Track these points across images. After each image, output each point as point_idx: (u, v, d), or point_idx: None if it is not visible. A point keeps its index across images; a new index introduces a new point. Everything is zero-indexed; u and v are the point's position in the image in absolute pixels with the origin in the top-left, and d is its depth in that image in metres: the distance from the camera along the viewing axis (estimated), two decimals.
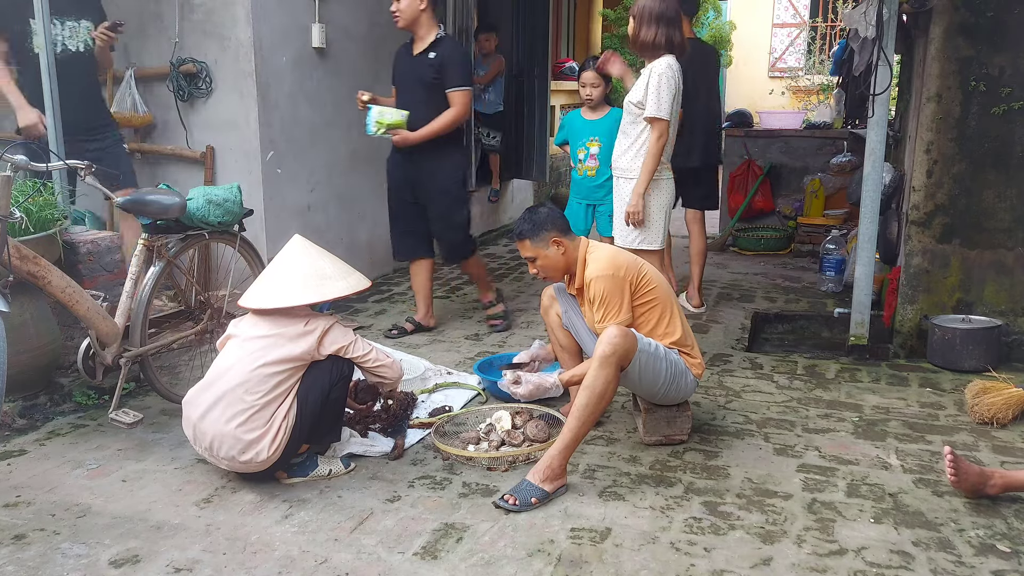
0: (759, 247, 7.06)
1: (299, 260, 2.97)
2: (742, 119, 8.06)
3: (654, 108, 3.87)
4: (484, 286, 4.88)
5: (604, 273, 3.04)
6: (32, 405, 3.51)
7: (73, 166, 3.31)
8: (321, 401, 2.85)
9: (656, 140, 3.89)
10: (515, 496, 2.74)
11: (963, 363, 4.00)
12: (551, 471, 2.79)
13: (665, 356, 3.04)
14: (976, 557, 2.46)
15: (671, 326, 3.13)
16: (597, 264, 3.08)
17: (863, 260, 4.24)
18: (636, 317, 3.09)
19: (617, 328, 2.89)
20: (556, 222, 3.14)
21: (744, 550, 2.50)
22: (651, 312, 3.12)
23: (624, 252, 3.24)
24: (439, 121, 4.33)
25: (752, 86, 14.59)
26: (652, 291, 3.11)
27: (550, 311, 3.40)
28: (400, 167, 4.54)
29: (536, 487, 2.76)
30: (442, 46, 4.37)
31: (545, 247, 3.12)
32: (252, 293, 2.94)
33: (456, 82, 4.34)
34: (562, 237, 3.12)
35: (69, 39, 4.18)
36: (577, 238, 3.20)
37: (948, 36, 4.00)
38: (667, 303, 3.15)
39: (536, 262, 3.16)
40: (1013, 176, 4.02)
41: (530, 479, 2.79)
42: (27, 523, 2.65)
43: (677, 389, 3.11)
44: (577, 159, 4.75)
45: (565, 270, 3.19)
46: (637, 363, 2.93)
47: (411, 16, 4.29)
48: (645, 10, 3.90)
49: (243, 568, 2.41)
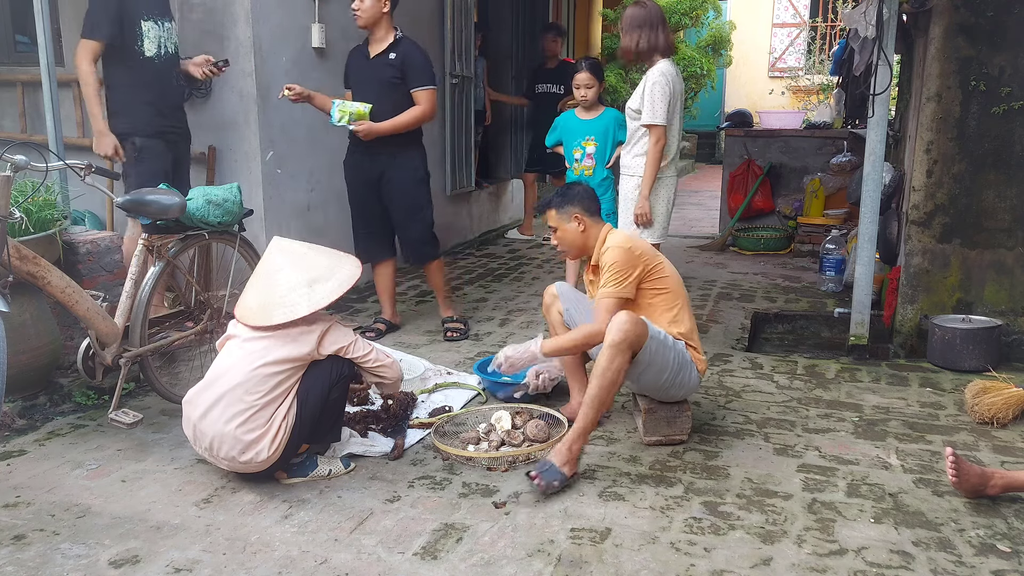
0: (759, 247, 7.06)
1: (283, 266, 2.93)
2: (742, 119, 8.06)
3: (649, 115, 4.07)
4: (444, 300, 4.78)
5: (621, 244, 3.16)
6: (32, 405, 3.51)
7: (73, 166, 3.30)
8: (321, 401, 2.85)
9: (655, 144, 4.08)
10: (541, 476, 2.83)
11: (963, 363, 4.00)
12: (572, 455, 2.91)
13: (673, 346, 3.09)
14: (976, 557, 2.46)
15: (679, 316, 3.20)
16: (614, 239, 3.21)
17: (863, 260, 4.24)
18: (646, 299, 3.17)
19: (627, 314, 2.93)
20: (584, 202, 3.26)
21: (744, 550, 2.50)
22: (662, 298, 3.19)
23: (645, 241, 3.37)
24: (406, 116, 4.34)
25: (752, 86, 14.61)
26: (665, 279, 3.20)
27: (552, 309, 3.45)
28: (360, 167, 4.52)
29: (559, 471, 2.86)
30: (401, 47, 4.38)
31: (567, 221, 3.25)
32: (244, 307, 2.93)
33: (421, 81, 4.36)
34: (585, 216, 3.24)
35: (168, 40, 4.14)
36: (601, 222, 3.30)
37: (948, 36, 4.00)
38: (678, 293, 3.23)
39: (556, 233, 3.30)
40: (1013, 176, 4.02)
41: (553, 461, 2.89)
42: (27, 523, 2.65)
43: (681, 382, 3.13)
44: (573, 159, 4.77)
45: (582, 249, 3.30)
46: (648, 350, 2.97)
47: (372, 16, 4.29)
48: (625, 19, 4.19)
49: (243, 568, 2.41)
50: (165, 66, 4.12)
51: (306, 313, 2.84)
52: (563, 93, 6.98)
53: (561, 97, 6.97)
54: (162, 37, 4.09)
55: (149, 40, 4.02)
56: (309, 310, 2.84)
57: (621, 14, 4.48)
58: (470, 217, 7.58)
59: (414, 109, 4.36)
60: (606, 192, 4.65)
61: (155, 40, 4.04)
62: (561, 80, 7.08)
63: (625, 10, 4.25)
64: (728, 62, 13.69)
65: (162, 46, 4.09)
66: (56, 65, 4.44)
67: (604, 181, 4.67)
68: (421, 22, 6.24)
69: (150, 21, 4.02)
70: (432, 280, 4.78)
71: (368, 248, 4.64)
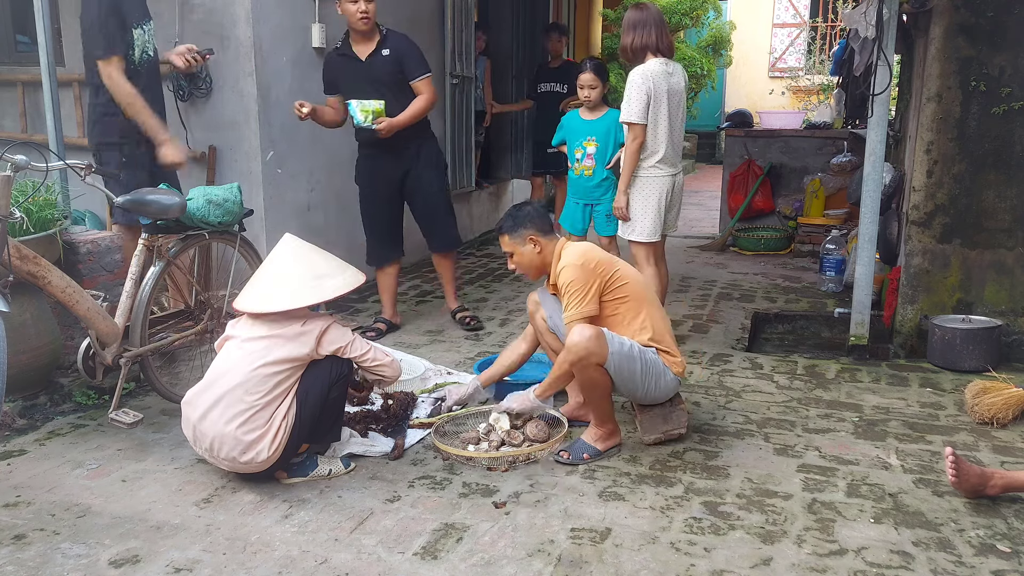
0: (759, 247, 7.06)
1: (292, 260, 2.96)
2: (742, 119, 8.06)
3: (625, 113, 4.17)
4: (454, 292, 4.91)
5: (574, 262, 3.12)
6: (32, 405, 3.51)
7: (73, 166, 3.30)
8: (321, 400, 2.85)
9: (631, 142, 4.18)
10: (569, 452, 3.07)
11: (963, 363, 4.00)
12: (599, 434, 3.13)
13: (640, 355, 3.05)
14: (976, 557, 2.46)
15: (645, 322, 3.16)
16: (568, 256, 3.17)
17: (863, 260, 4.24)
18: (608, 311, 3.14)
19: (580, 334, 2.94)
20: (536, 221, 3.22)
21: (744, 550, 2.50)
22: (625, 307, 3.15)
23: (599, 249, 3.30)
24: (417, 106, 4.39)
25: (752, 86, 14.60)
26: (624, 287, 3.16)
27: (536, 316, 3.44)
28: (381, 168, 4.54)
29: (590, 445, 3.10)
30: (391, 41, 4.41)
31: (522, 244, 3.21)
32: (248, 296, 2.94)
33: (420, 71, 4.42)
34: (539, 236, 3.20)
35: (149, 44, 4.02)
36: (556, 239, 3.26)
37: (948, 36, 4.00)
38: (641, 299, 3.18)
39: (513, 257, 3.26)
40: (1013, 176, 4.02)
41: (584, 439, 3.13)
42: (27, 523, 2.65)
43: (656, 388, 3.13)
44: (574, 159, 4.78)
45: (540, 269, 3.27)
46: (611, 364, 2.98)
47: (375, 17, 4.32)
48: (625, 21, 4.26)
49: (243, 568, 2.41)
50: (148, 70, 4.03)
51: (313, 302, 2.86)
52: (566, 92, 6.96)
53: (564, 96, 6.96)
54: (146, 42, 4.00)
55: (137, 47, 3.93)
56: (316, 300, 2.86)
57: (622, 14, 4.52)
58: (470, 217, 7.58)
59: (421, 98, 4.40)
60: (606, 193, 4.65)
61: (140, 46, 3.95)
62: (564, 79, 7.06)
63: (626, 12, 4.32)
64: (728, 62, 13.69)
65: (145, 50, 3.99)
66: (56, 65, 4.44)
67: (604, 181, 4.68)
68: (421, 22, 6.24)
69: (139, 28, 3.93)
70: (446, 270, 4.85)
71: (382, 251, 4.68)
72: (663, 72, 4.15)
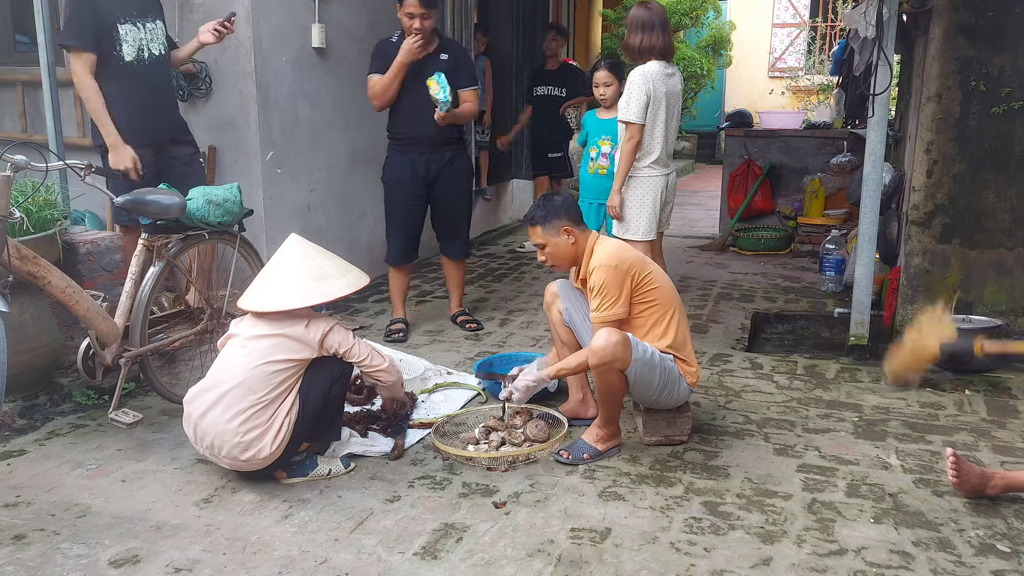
0: (759, 247, 7.06)
1: (298, 260, 2.97)
2: (742, 119, 8.06)
3: (623, 112, 4.16)
4: (459, 295, 4.93)
5: (607, 263, 3.06)
6: (32, 405, 3.51)
7: (73, 166, 3.30)
8: (322, 398, 2.86)
9: (627, 141, 4.17)
10: (569, 452, 3.08)
11: (963, 363, 3.99)
12: (601, 435, 3.12)
13: (660, 364, 3.04)
14: (976, 557, 2.46)
15: (668, 329, 3.13)
16: (602, 254, 3.11)
17: (863, 260, 4.24)
18: (633, 312, 3.11)
19: (607, 339, 2.90)
20: (570, 211, 3.18)
21: (744, 550, 2.50)
22: (650, 312, 3.12)
23: (633, 249, 3.27)
24: (466, 110, 4.52)
25: (752, 86, 14.60)
26: (654, 291, 3.12)
27: (552, 307, 3.42)
28: (413, 169, 4.53)
29: (590, 445, 3.09)
30: (452, 47, 4.53)
31: (556, 235, 3.16)
32: (252, 294, 2.94)
33: (470, 81, 4.52)
34: (574, 227, 3.16)
35: (151, 42, 3.95)
36: (588, 231, 3.22)
37: (948, 36, 4.00)
38: (668, 305, 3.15)
39: (545, 249, 3.20)
40: (1013, 176, 4.02)
41: (584, 439, 3.12)
42: (27, 523, 2.65)
43: (669, 396, 3.11)
44: (589, 157, 4.78)
45: (573, 260, 3.22)
46: (632, 370, 2.96)
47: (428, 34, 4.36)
48: (632, 19, 4.23)
49: (243, 568, 2.41)
50: (149, 71, 3.94)
51: (318, 302, 2.87)
52: (565, 96, 6.93)
53: (563, 100, 6.93)
54: (143, 40, 3.90)
55: (128, 44, 3.83)
56: (321, 300, 2.87)
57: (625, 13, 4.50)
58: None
59: (468, 105, 4.51)
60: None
61: (134, 44, 3.86)
62: (562, 83, 6.98)
63: (631, 9, 4.29)
64: (728, 62, 13.69)
65: (143, 49, 3.90)
66: (56, 65, 4.43)
67: None
68: None
69: (128, 24, 3.83)
70: (456, 276, 4.88)
71: (404, 251, 4.69)
72: (663, 74, 4.16)
